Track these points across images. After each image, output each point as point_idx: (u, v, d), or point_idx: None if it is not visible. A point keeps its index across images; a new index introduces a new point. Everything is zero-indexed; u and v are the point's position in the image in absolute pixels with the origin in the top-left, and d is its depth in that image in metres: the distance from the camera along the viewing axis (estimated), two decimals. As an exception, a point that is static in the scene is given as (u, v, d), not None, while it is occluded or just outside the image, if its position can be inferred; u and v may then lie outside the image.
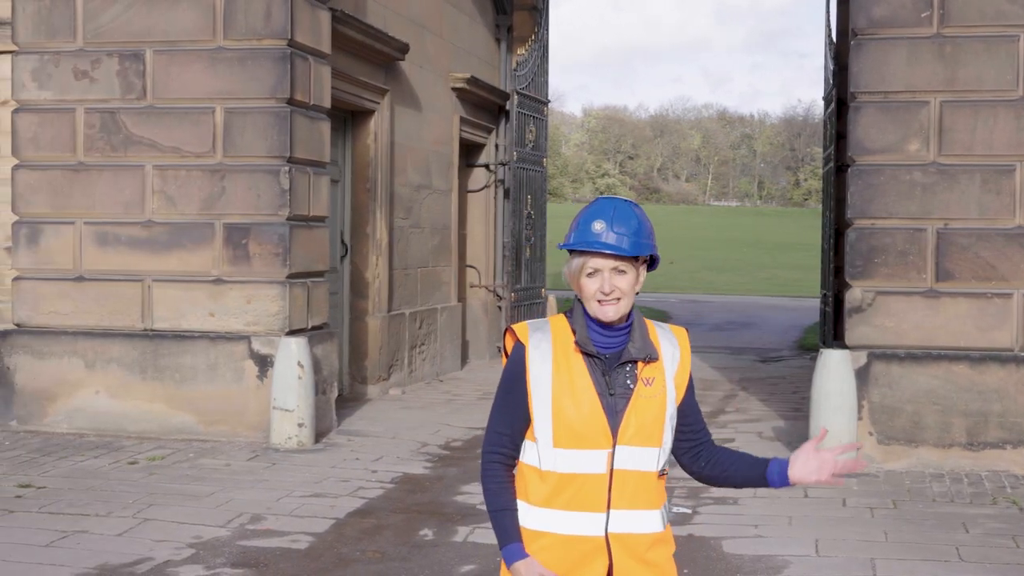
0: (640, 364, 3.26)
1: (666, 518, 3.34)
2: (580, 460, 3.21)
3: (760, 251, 55.97)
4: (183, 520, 7.69)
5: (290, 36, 10.37)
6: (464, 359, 16.42)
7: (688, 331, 3.44)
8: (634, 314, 3.29)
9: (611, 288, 3.20)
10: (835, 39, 14.74)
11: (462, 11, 15.99)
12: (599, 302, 3.21)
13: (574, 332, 3.27)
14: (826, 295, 15.13)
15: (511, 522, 3.27)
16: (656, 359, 3.28)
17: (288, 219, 10.44)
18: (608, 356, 3.26)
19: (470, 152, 16.78)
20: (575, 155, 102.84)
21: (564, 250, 3.31)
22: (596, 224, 3.21)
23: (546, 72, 17.73)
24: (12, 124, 10.87)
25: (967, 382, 9.43)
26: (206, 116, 10.50)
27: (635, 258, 3.24)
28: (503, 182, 16.93)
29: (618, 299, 3.21)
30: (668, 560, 3.33)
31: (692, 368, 3.39)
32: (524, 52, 16.77)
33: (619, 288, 3.20)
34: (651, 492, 3.27)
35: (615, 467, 3.21)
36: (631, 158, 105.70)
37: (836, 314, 13.98)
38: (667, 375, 3.29)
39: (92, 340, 10.67)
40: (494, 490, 3.30)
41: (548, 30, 17.70)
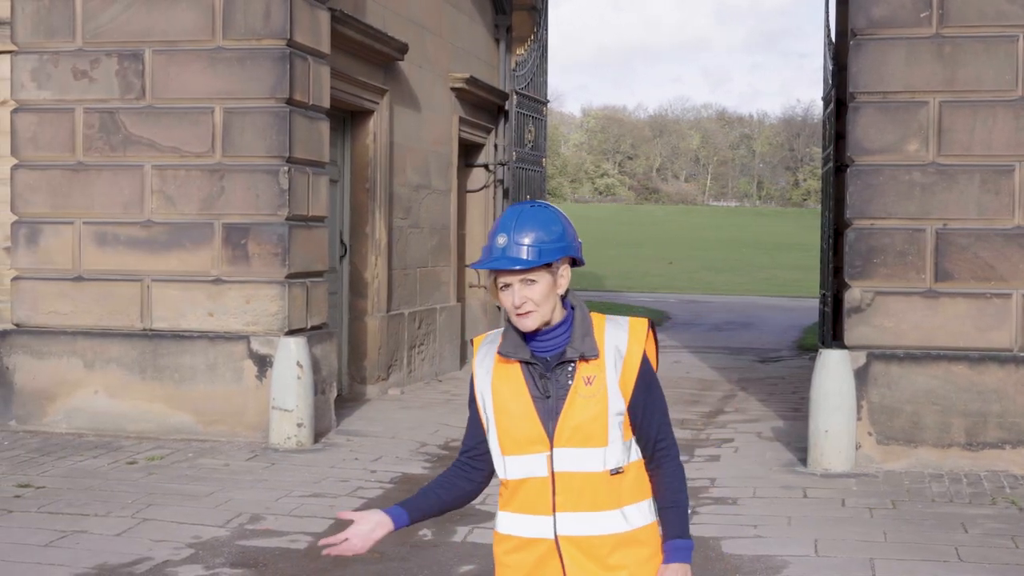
0: (580, 363, 3.21)
1: (639, 516, 3.25)
2: (523, 465, 3.23)
3: (759, 251, 55.98)
4: (182, 520, 7.70)
5: (289, 36, 10.37)
6: (463, 359, 16.41)
7: (652, 322, 3.34)
8: (573, 312, 3.25)
9: (521, 300, 3.16)
10: (834, 39, 14.75)
11: (461, 11, 15.99)
12: (517, 315, 3.18)
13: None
14: (825, 295, 15.13)
15: (416, 494, 3.42)
16: (596, 356, 3.20)
17: (287, 219, 10.44)
18: (549, 359, 3.23)
19: (469, 152, 16.78)
20: (574, 155, 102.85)
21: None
22: (499, 239, 3.17)
23: (545, 72, 17.74)
24: (11, 124, 10.87)
25: (966, 382, 9.43)
26: (205, 116, 10.50)
27: (548, 265, 3.17)
28: (502, 182, 16.94)
29: (531, 310, 3.17)
30: (641, 562, 3.24)
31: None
32: (523, 52, 16.78)
33: (531, 299, 3.16)
34: (604, 492, 3.20)
35: (556, 470, 3.19)
36: (630, 158, 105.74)
37: (835, 314, 13.98)
38: (608, 371, 3.21)
39: (91, 340, 10.67)
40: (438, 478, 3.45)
41: (547, 30, 17.71)
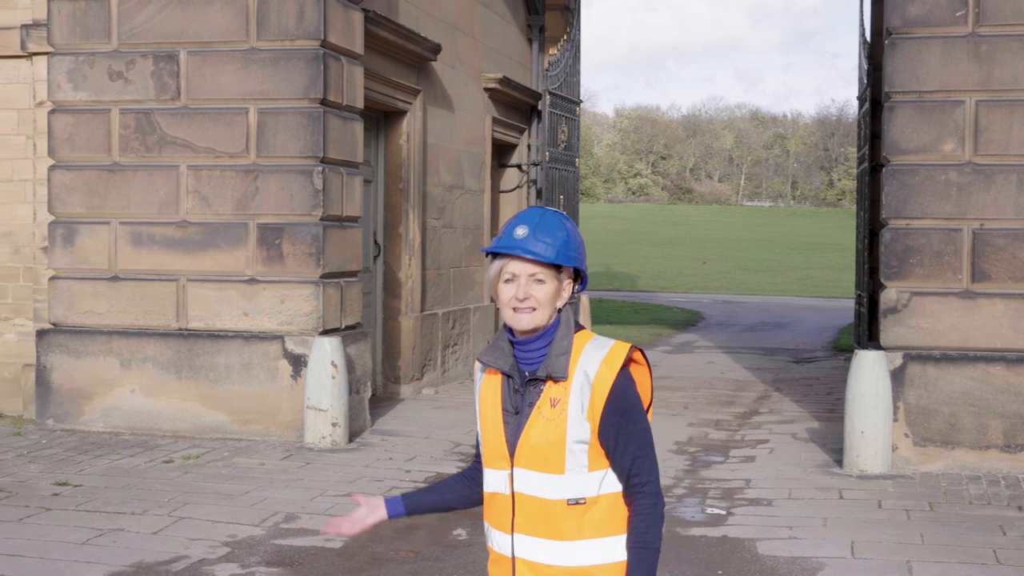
0: (549, 383, 3.07)
1: (601, 553, 3.05)
2: (493, 479, 3.15)
3: (793, 251, 55.75)
4: (218, 519, 7.73)
5: (323, 37, 10.40)
6: (496, 359, 16.41)
7: (641, 349, 3.16)
8: (558, 329, 3.10)
9: (525, 295, 3.05)
10: (869, 38, 14.67)
11: (494, 11, 16.00)
12: (513, 309, 3.07)
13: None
14: (860, 296, 15.05)
15: (422, 489, 3.44)
16: (564, 378, 3.04)
17: (321, 219, 10.47)
18: (527, 373, 3.12)
19: (502, 152, 16.79)
20: (607, 155, 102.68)
21: (485, 256, 3.17)
22: (519, 230, 3.08)
23: (578, 72, 17.72)
24: (48, 125, 10.95)
25: (1004, 383, 9.35)
26: (240, 117, 10.55)
27: (557, 271, 3.09)
28: (535, 182, 16.93)
29: (533, 308, 3.06)
30: None
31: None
32: (556, 52, 16.76)
33: (535, 296, 3.05)
34: (561, 521, 3.04)
35: (515, 489, 3.09)
36: (663, 158, 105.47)
37: (871, 315, 13.91)
38: (572, 396, 3.03)
39: (127, 339, 10.74)
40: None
41: (580, 30, 17.69)
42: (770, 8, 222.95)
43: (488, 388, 3.19)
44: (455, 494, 3.37)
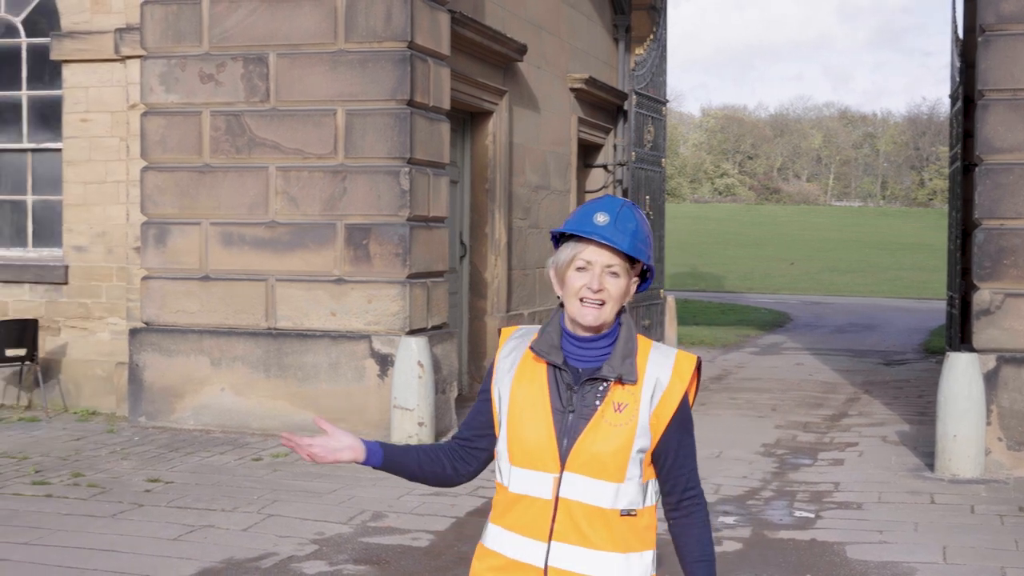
0: (615, 385, 2.86)
1: (640, 568, 2.89)
2: (528, 480, 2.89)
3: (883, 252, 54.95)
4: (306, 516, 7.81)
5: (410, 38, 10.45)
6: (582, 360, 16.39)
7: (701, 360, 2.97)
8: (622, 328, 2.92)
9: (600, 286, 2.84)
10: (962, 36, 14.41)
11: (580, 11, 15.97)
12: (582, 300, 2.86)
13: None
14: (952, 297, 14.79)
15: (401, 447, 3.12)
16: (634, 382, 2.86)
17: (408, 219, 10.53)
18: (581, 371, 2.90)
19: (588, 152, 16.76)
20: (693, 155, 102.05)
21: (553, 242, 2.97)
22: (600, 216, 2.85)
23: (664, 72, 17.63)
24: (141, 127, 11.14)
25: (1102, 387, 9.13)
26: (328, 118, 10.64)
27: (631, 266, 2.89)
28: (621, 182, 16.88)
29: (603, 302, 2.85)
30: None
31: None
32: (642, 52, 16.69)
33: (608, 290, 2.85)
34: (608, 532, 2.85)
35: (560, 495, 2.85)
36: (750, 158, 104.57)
37: (963, 317, 13.65)
38: (642, 403, 2.86)
39: (217, 338, 10.88)
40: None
41: (666, 29, 17.59)
42: (859, 6, 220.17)
43: (527, 379, 2.93)
44: (434, 467, 3.09)
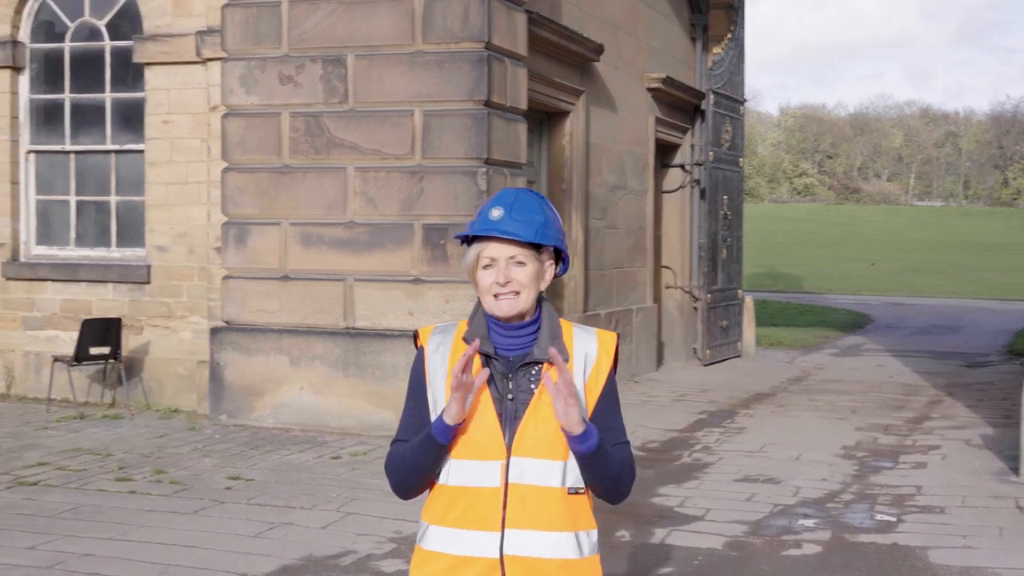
0: (547, 367, 2.93)
1: (588, 546, 2.97)
2: (472, 472, 2.92)
3: (966, 252, 54.09)
4: (384, 515, 7.83)
5: (487, 39, 10.46)
6: (660, 360, 16.31)
7: (619, 337, 3.08)
8: (543, 312, 3.00)
9: (507, 279, 2.91)
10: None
11: (657, 11, 15.89)
12: (495, 296, 2.93)
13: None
14: (1038, 297, 14.51)
15: (424, 432, 2.97)
16: (566, 360, 2.93)
17: (485, 220, 10.52)
18: (512, 358, 2.97)
19: (665, 152, 16.67)
20: (772, 155, 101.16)
21: (461, 245, 3.03)
22: (494, 211, 2.94)
23: (742, 71, 17.50)
24: (221, 128, 11.26)
25: None
26: (405, 119, 10.69)
27: (538, 252, 2.96)
28: (699, 182, 16.77)
29: (516, 292, 2.93)
30: None
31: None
32: (720, 51, 16.59)
33: (517, 280, 2.92)
34: (558, 511, 2.91)
35: (510, 480, 2.89)
36: (830, 157, 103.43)
37: (1049, 317, 13.38)
38: (575, 379, 2.95)
39: (296, 338, 10.97)
40: (403, 450, 3.02)
41: (744, 28, 17.47)
42: (941, 4, 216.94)
43: None
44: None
